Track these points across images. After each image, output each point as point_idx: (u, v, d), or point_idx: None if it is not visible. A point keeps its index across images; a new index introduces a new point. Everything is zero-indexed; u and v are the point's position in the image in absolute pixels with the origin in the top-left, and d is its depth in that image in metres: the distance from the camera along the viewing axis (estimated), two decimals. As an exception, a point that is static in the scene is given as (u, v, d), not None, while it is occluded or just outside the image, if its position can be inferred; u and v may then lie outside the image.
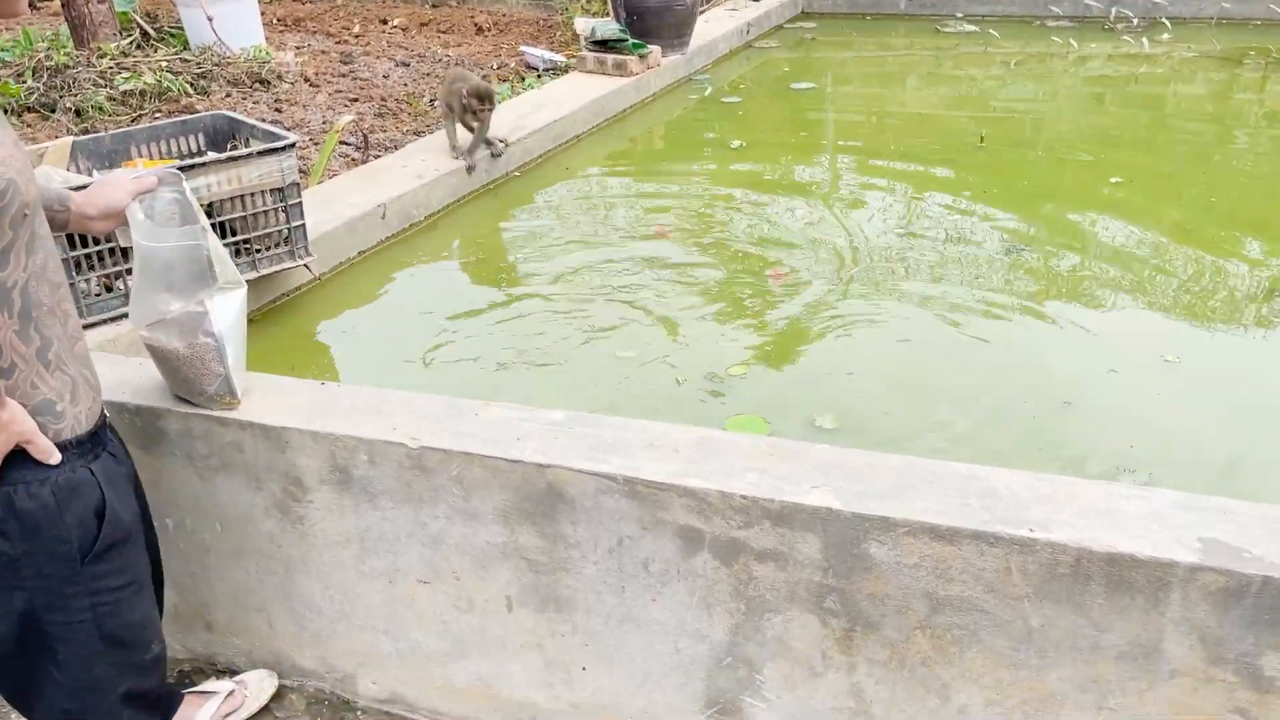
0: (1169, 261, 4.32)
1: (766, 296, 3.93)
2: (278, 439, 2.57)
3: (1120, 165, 5.41)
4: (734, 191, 5.25)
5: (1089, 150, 5.91)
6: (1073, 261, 4.31)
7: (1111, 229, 4.60)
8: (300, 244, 3.67)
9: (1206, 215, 4.68)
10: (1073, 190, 5.12)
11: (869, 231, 4.54)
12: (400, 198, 4.46)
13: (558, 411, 2.53)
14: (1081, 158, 5.69)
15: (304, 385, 2.74)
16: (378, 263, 4.25)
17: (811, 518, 2.12)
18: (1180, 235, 4.49)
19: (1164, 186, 5.20)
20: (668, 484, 2.22)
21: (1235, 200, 4.97)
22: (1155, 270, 4.21)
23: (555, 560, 2.42)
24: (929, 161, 5.65)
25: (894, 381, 3.25)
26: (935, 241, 4.40)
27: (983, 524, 2.02)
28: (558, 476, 2.32)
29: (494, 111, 5.01)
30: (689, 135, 6.59)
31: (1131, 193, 4.99)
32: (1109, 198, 4.92)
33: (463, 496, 2.44)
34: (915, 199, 5.00)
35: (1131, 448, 2.87)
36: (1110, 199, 4.90)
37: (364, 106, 7.41)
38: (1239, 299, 4.00)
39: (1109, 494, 2.07)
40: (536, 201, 5.14)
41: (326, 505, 2.61)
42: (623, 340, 3.59)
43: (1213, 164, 5.64)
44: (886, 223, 4.64)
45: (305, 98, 7.67)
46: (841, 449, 2.29)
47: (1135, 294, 4.03)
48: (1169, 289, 4.11)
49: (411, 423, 2.52)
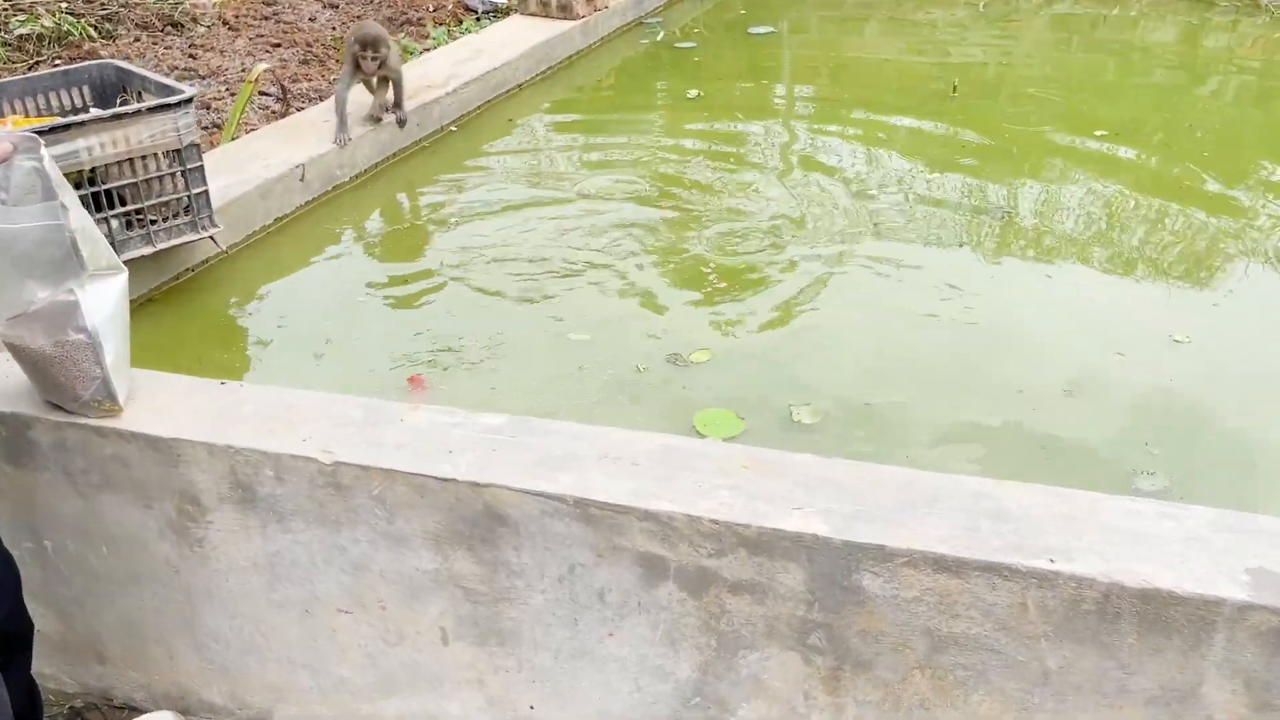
0: (1168, 224, 3.99)
1: (729, 265, 3.60)
2: (168, 452, 2.20)
3: (1102, 118, 5.11)
4: (690, 146, 4.89)
5: (1065, 99, 5.63)
6: (1063, 225, 3.96)
7: (1102, 188, 4.27)
8: (203, 213, 3.24)
9: (1202, 170, 4.36)
10: (1055, 145, 4.80)
11: (838, 193, 4.21)
12: (322, 157, 4.03)
13: (497, 415, 2.19)
14: (1058, 107, 5.41)
15: (200, 385, 2.37)
16: (296, 231, 3.82)
17: (795, 546, 1.82)
18: (1177, 194, 4.16)
19: (1152, 140, 4.90)
20: (626, 506, 1.90)
21: (1229, 152, 4.70)
22: (1154, 234, 3.90)
23: (496, 590, 2.10)
24: (900, 113, 5.32)
25: (874, 364, 2.92)
26: (910, 203, 4.06)
27: (995, 553, 1.73)
28: (497, 497, 1.98)
29: (390, 64, 4.22)
30: (641, 84, 6.18)
31: (1118, 146, 4.69)
32: (1096, 154, 4.61)
33: (386, 518, 2.10)
34: (887, 155, 4.66)
35: (1146, 445, 2.60)
36: (1098, 155, 4.58)
37: (288, 52, 6.87)
38: (1248, 265, 3.70)
39: (1136, 513, 1.79)
40: (476, 159, 4.73)
41: (229, 527, 2.25)
42: (574, 318, 3.23)
43: (1196, 113, 5.37)
44: (857, 182, 4.31)
45: (223, 43, 7.10)
46: (828, 461, 1.98)
47: (1135, 262, 3.69)
48: (1171, 256, 3.78)
49: (325, 431, 2.17)
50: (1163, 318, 3.19)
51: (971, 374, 2.86)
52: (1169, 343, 3.01)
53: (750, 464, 1.98)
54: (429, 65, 5.41)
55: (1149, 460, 2.56)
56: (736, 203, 4.10)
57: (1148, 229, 3.89)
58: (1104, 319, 3.21)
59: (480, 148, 4.90)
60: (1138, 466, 2.54)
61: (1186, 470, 2.52)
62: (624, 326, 3.17)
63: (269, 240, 3.74)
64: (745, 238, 3.84)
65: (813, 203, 4.11)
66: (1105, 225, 3.93)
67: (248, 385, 2.36)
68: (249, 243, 3.69)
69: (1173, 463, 2.50)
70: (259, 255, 3.62)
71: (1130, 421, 2.66)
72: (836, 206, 4.06)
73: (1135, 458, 2.57)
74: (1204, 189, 4.20)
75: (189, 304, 3.30)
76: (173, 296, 3.33)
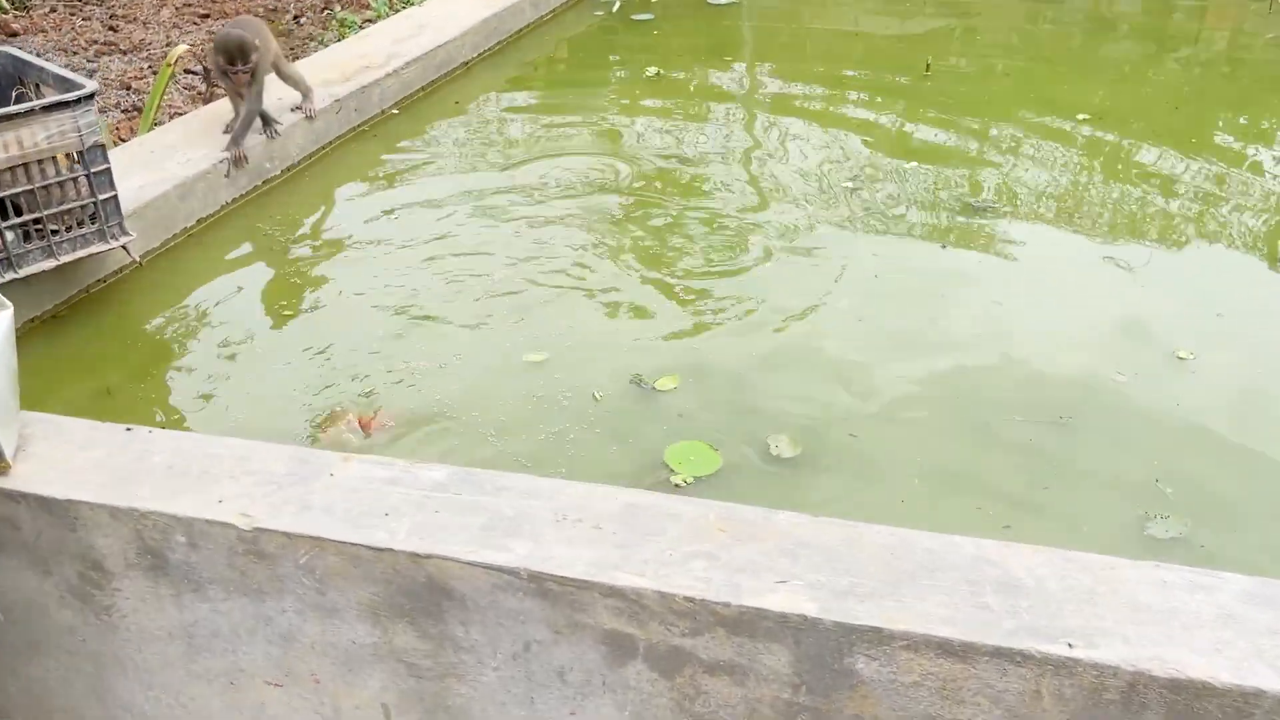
0: (1163, 224, 3.76)
1: (693, 268, 3.36)
2: (64, 515, 1.93)
3: (1082, 100, 4.89)
4: (649, 132, 4.62)
5: (1040, 76, 5.42)
6: (1050, 223, 3.73)
7: (1089, 180, 4.05)
8: (113, 221, 2.93)
9: (1195, 159, 4.14)
10: (1037, 130, 4.56)
11: (810, 187, 3.93)
12: (249, 148, 3.70)
13: (438, 468, 1.95)
14: (1035, 86, 5.18)
15: (102, 433, 2.10)
16: (221, 233, 3.48)
17: (780, 626, 1.61)
18: (1170, 189, 3.92)
19: (1137, 125, 4.67)
20: (587, 581, 1.68)
21: (1216, 135, 4.50)
22: (1149, 236, 3.65)
23: (443, 665, 1.87)
24: (872, 92, 5.07)
25: (853, 384, 2.64)
26: (887, 200, 3.78)
27: (1007, 637, 1.53)
28: (441, 569, 1.75)
29: (258, 74, 3.65)
30: (596, 62, 5.87)
31: (1103, 130, 4.47)
32: (1081, 141, 4.36)
33: (316, 588, 1.86)
34: (860, 143, 4.39)
35: (1157, 482, 2.40)
36: (1083, 143, 4.32)
37: (216, 24, 6.47)
38: (1250, 271, 3.48)
39: (1162, 583, 1.60)
40: (419, 147, 4.42)
41: (139, 594, 1.99)
42: (527, 333, 2.94)
43: (1182, 95, 5.15)
44: (830, 175, 4.05)
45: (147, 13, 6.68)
46: (813, 521, 1.77)
47: (1129, 269, 3.40)
48: (1166, 261, 3.50)
49: (244, 489, 1.91)
50: (1162, 332, 2.96)
51: (961, 397, 2.63)
52: (1172, 360, 2.80)
53: (726, 526, 1.77)
54: (368, 43, 5.06)
55: (1161, 500, 2.35)
56: (699, 200, 3.84)
57: (1142, 232, 3.62)
58: (1101, 334, 2.96)
59: (424, 133, 4.59)
60: (1150, 508, 2.30)
61: (1203, 509, 2.30)
62: (582, 343, 2.88)
63: (190, 245, 3.40)
64: (709, 236, 3.59)
65: (783, 199, 3.87)
66: (1096, 225, 3.68)
67: (156, 432, 2.09)
68: (167, 249, 3.36)
69: (1187, 501, 2.28)
70: (178, 263, 3.30)
71: (1138, 453, 2.44)
72: (809, 202, 3.82)
73: (1145, 496, 2.35)
74: (1199, 184, 3.98)
75: (98, 321, 2.97)
76: (80, 312, 3.00)
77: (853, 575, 1.65)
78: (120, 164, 3.26)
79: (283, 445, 2.03)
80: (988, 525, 2.27)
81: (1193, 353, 2.84)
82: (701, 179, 4.11)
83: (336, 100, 4.29)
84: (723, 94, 5.26)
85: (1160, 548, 2.23)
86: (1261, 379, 2.81)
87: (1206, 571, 1.62)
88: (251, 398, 2.76)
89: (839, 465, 2.42)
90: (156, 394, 2.74)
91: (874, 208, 3.82)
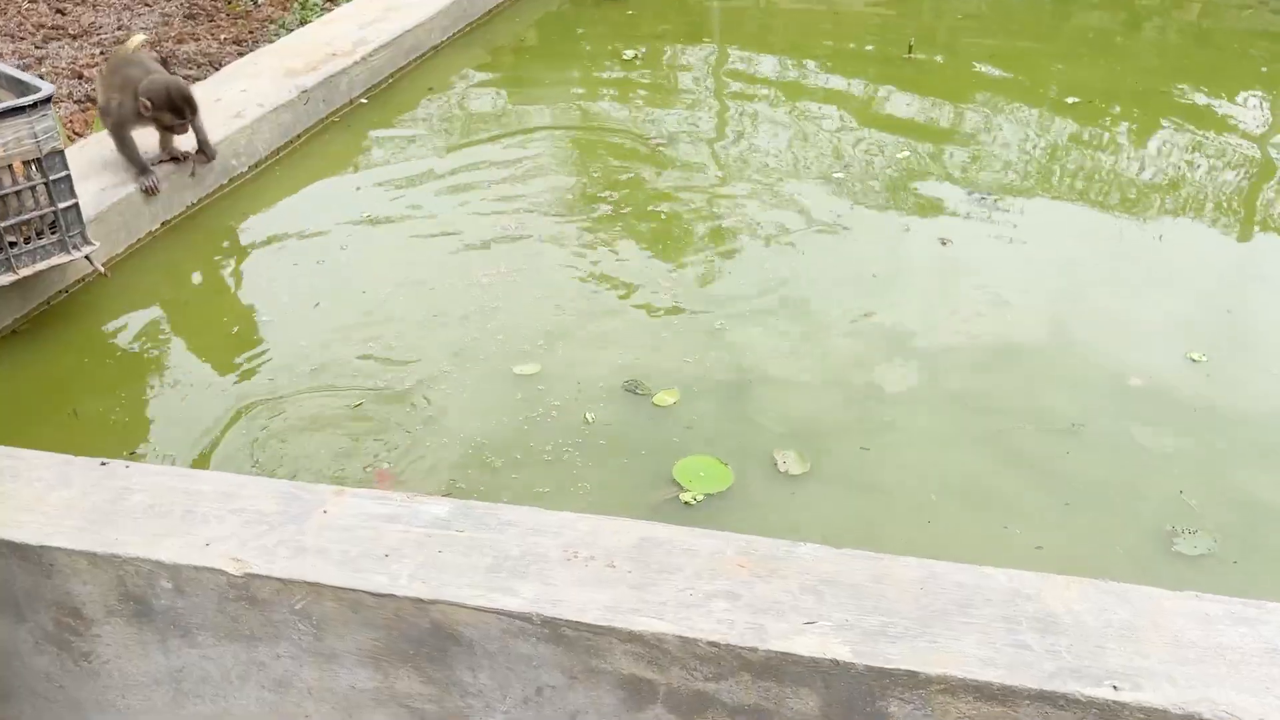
0: (1168, 217, 3.65)
1: (682, 266, 3.25)
2: (38, 561, 1.82)
3: (1072, 81, 4.80)
4: (627, 120, 4.49)
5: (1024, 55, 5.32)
6: (1051, 216, 3.61)
7: (1088, 171, 3.92)
8: (74, 230, 2.77)
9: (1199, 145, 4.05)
10: (1028, 118, 4.44)
11: (797, 178, 3.82)
12: (216, 145, 3.54)
13: (439, 502, 1.85)
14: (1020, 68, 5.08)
15: (76, 468, 1.97)
16: (188, 235, 3.30)
17: (810, 671, 1.53)
18: (1172, 183, 3.82)
19: (1130, 107, 4.58)
20: (604, 626, 1.59)
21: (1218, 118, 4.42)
22: (1155, 229, 3.56)
23: (449, 710, 1.78)
24: (857, 77, 4.94)
25: (857, 392, 2.52)
26: (879, 192, 3.65)
27: (1049, 680, 1.46)
28: (447, 615, 1.66)
29: (199, 120, 3.37)
30: (570, 45, 5.69)
31: (1093, 116, 4.38)
32: (1073, 131, 4.27)
33: (313, 634, 1.76)
34: (849, 131, 4.25)
35: (1181, 494, 2.37)
36: (1074, 134, 4.23)
37: (170, 6, 6.22)
38: (1256, 265, 3.38)
39: (1204, 616, 1.55)
40: (390, 138, 4.27)
41: (121, 641, 1.88)
42: (515, 343, 2.80)
43: (1173, 73, 5.06)
44: (816, 166, 3.92)
45: (97, -5, 6.40)
46: (836, 554, 1.69)
47: (1137, 265, 3.28)
48: (1174, 258, 3.38)
49: (232, 530, 1.80)
50: (1174, 334, 2.87)
51: (970, 405, 2.53)
52: (1185, 362, 2.74)
53: (746, 561, 1.69)
54: (334, 28, 4.88)
55: (1187, 514, 2.26)
56: (684, 195, 3.71)
57: (1149, 225, 3.51)
58: (1107, 338, 2.88)
59: (395, 122, 4.42)
60: (1177, 523, 2.24)
61: (1231, 523, 2.25)
62: (573, 352, 2.77)
63: (156, 249, 3.23)
64: (692, 229, 3.49)
65: (769, 190, 3.76)
66: (1097, 220, 3.57)
67: (133, 466, 1.98)
68: (131, 253, 3.20)
69: (1214, 514, 2.22)
70: (145, 269, 3.13)
71: (1159, 463, 2.37)
72: (797, 193, 3.71)
73: (1171, 510, 2.28)
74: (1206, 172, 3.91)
75: (61, 335, 2.81)
76: (42, 326, 2.83)
77: (882, 613, 1.58)
78: (78, 166, 3.09)
79: (270, 480, 1.92)
80: (1016, 545, 2.21)
81: (1205, 355, 2.78)
82: (684, 173, 3.99)
83: (304, 92, 4.12)
84: (702, 79, 5.13)
85: (1191, 566, 2.19)
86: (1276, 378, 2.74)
87: (1249, 602, 1.57)
88: (224, 416, 2.62)
89: (849, 479, 2.34)
90: (128, 414, 2.60)
91: (865, 206, 3.72)
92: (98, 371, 2.77)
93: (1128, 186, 3.94)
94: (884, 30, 5.68)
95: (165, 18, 6.09)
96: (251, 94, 4.00)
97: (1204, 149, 4.20)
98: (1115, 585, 1.61)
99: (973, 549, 1.62)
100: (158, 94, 3.17)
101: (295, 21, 5.76)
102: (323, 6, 5.95)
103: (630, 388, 2.65)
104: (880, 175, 3.92)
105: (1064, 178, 3.98)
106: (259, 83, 4.14)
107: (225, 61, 5.14)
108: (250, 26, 5.99)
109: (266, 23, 6.03)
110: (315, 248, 3.39)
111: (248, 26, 5.97)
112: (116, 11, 6.20)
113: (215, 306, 3.10)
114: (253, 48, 5.44)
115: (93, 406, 2.62)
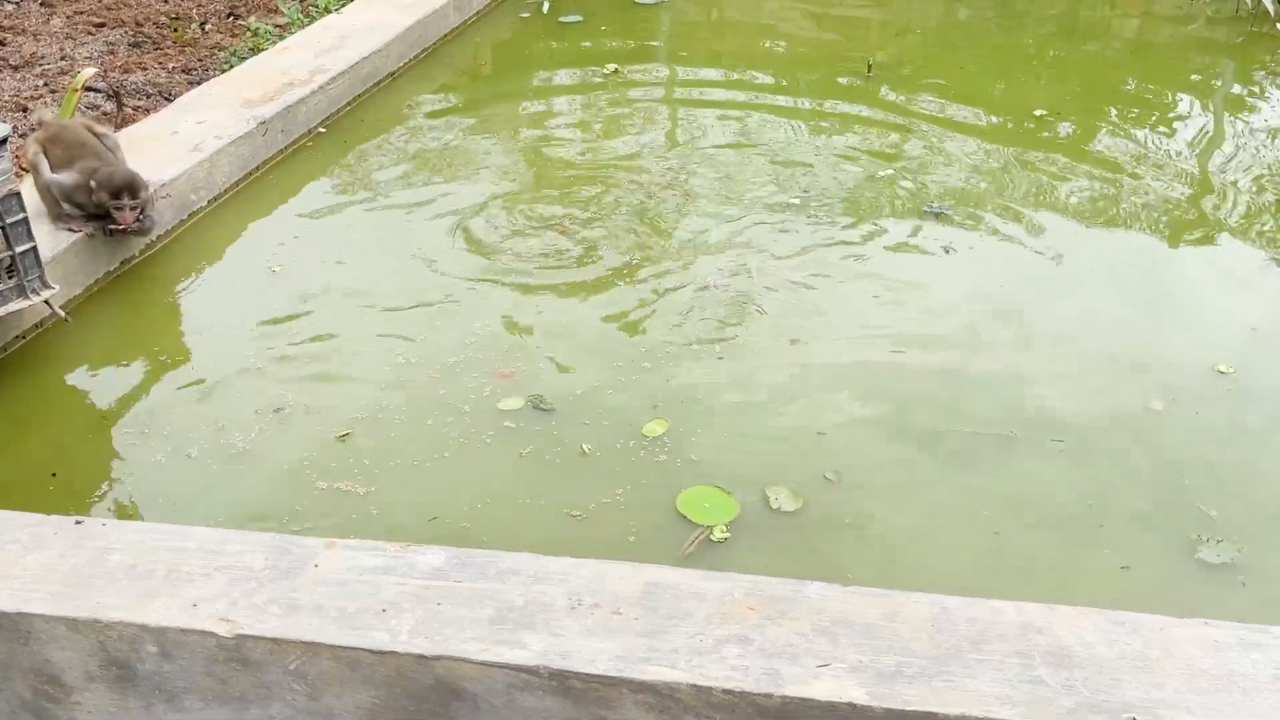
0: (1163, 228, 3.65)
1: (656, 292, 3.22)
2: (13, 629, 1.74)
3: (1037, 94, 4.85)
4: (588, 147, 4.47)
5: (985, 69, 5.39)
6: (1034, 225, 3.61)
7: (1062, 181, 3.92)
8: (32, 274, 2.67)
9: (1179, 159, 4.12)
10: (992, 129, 4.50)
11: (762, 204, 3.82)
12: (172, 181, 3.45)
13: (434, 551, 1.80)
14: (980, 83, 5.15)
15: (50, 528, 1.89)
16: (144, 276, 3.18)
17: (826, 715, 1.51)
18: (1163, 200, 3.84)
19: (1097, 118, 4.65)
20: (615, 677, 1.55)
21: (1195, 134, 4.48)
22: (1151, 239, 3.56)
23: (452, 766, 1.72)
24: (819, 96, 4.97)
25: (849, 419, 2.56)
26: (845, 214, 3.67)
27: (1068, 715, 1.46)
28: (451, 670, 1.61)
29: (148, 208, 3.17)
30: (526, 70, 5.67)
31: (1061, 127, 4.44)
32: (1042, 139, 4.32)
33: (308, 695, 1.70)
34: (816, 151, 4.27)
35: (1200, 506, 2.29)
36: (1046, 142, 4.28)
37: (114, 34, 6.09)
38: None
39: (1216, 644, 1.55)
40: (349, 168, 4.20)
41: (103, 708, 1.81)
42: (491, 380, 2.74)
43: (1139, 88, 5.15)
44: (780, 185, 3.93)
45: (36, 23, 6.26)
46: (845, 591, 1.68)
47: (1146, 275, 3.25)
48: (1184, 266, 3.37)
49: (220, 589, 1.74)
50: (1196, 345, 2.86)
51: (959, 420, 2.53)
52: (1211, 374, 2.74)
53: (755, 604, 1.66)
54: (289, 56, 4.80)
55: (1206, 523, 2.27)
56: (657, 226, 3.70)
57: (1141, 237, 3.61)
58: (1125, 349, 2.87)
59: (356, 153, 4.36)
60: (1203, 532, 2.24)
61: (1254, 531, 2.25)
62: (562, 391, 2.72)
63: (116, 290, 3.11)
64: (661, 260, 3.46)
65: (734, 216, 3.75)
66: (1085, 232, 3.57)
67: (110, 524, 1.90)
68: (89, 294, 3.09)
69: (1236, 523, 2.24)
70: (106, 311, 3.02)
71: (1176, 474, 2.40)
72: (763, 219, 3.71)
73: (1193, 521, 2.27)
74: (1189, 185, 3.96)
75: (23, 384, 2.69)
76: (2, 375, 2.73)
77: (896, 653, 1.56)
78: (32, 204, 2.99)
79: (257, 534, 1.86)
80: (1037, 569, 2.22)
81: (1232, 367, 2.77)
82: (651, 197, 3.98)
83: (262, 123, 4.04)
84: (661, 104, 5.13)
85: (1216, 575, 2.20)
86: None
87: (1255, 627, 1.58)
88: (199, 466, 2.54)
89: (844, 515, 2.31)
90: (95, 469, 2.49)
91: (831, 220, 3.74)
92: (61, 424, 2.65)
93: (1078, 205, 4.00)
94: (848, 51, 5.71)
95: (110, 46, 5.96)
96: (209, 126, 3.91)
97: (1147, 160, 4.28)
98: (1124, 614, 1.61)
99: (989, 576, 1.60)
100: (102, 181, 3.04)
101: (247, 50, 5.66)
102: (275, 35, 5.87)
103: (620, 420, 2.62)
104: (840, 196, 3.93)
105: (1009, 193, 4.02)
106: (216, 114, 4.05)
107: (176, 92, 5.03)
108: (199, 55, 5.88)
109: (215, 50, 5.93)
110: (275, 290, 3.25)
111: (196, 55, 5.86)
112: (59, 41, 6.06)
113: (179, 347, 3.00)
114: (203, 77, 5.34)
115: (60, 462, 2.52)
